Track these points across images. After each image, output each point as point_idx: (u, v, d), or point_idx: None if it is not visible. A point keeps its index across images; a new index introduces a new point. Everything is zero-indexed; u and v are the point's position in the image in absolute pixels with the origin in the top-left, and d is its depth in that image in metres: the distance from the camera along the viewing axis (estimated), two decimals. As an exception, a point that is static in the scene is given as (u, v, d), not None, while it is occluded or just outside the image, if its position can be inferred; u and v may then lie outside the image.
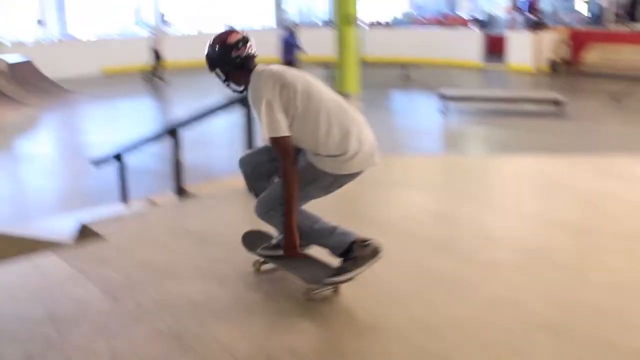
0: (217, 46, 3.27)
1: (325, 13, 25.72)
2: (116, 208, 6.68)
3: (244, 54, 3.26)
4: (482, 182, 5.74)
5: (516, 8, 20.95)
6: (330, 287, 3.34)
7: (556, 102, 12.32)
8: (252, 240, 3.72)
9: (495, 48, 19.62)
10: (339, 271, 3.31)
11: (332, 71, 17.16)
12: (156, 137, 5.86)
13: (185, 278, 3.53)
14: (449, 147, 11.16)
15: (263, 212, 3.36)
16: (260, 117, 3.17)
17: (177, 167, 5.41)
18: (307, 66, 14.92)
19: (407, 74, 17.58)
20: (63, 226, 5.61)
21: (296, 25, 17.26)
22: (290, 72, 3.27)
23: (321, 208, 4.05)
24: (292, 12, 25.84)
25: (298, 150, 3.30)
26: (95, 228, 4.17)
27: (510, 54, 18.99)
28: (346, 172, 3.29)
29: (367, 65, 16.80)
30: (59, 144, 12.87)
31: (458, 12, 23.27)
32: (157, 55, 17.54)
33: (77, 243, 4.34)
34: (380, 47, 20.07)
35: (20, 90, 15.37)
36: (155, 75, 17.76)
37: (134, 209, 5.83)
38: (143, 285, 3.43)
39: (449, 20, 22.47)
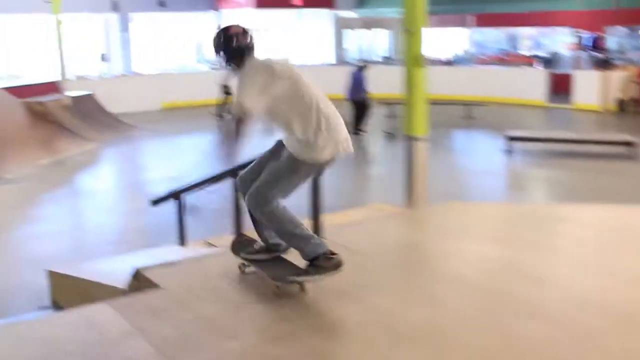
0: (222, 36, 3.82)
1: (385, 51, 25.63)
2: (173, 249, 6.52)
3: (243, 44, 3.78)
4: (552, 233, 5.32)
5: (581, 46, 20.44)
6: (293, 283, 3.73)
7: (628, 144, 11.81)
8: (240, 245, 4.08)
9: (560, 87, 19.12)
10: (302, 273, 3.73)
11: (393, 109, 16.97)
12: (216, 179, 5.67)
13: (244, 337, 3.28)
14: (515, 191, 10.75)
15: (253, 206, 3.72)
16: (239, 90, 3.60)
17: (237, 212, 5.20)
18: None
19: (469, 113, 17.23)
20: (119, 268, 5.45)
21: (367, 63, 16.73)
22: (279, 62, 3.74)
23: (386, 259, 3.81)
24: (352, 49, 25.81)
25: (281, 146, 3.79)
26: (150, 275, 3.96)
27: (577, 92, 18.48)
28: (321, 159, 3.67)
29: (428, 103, 16.54)
30: (119, 180, 12.89)
31: (520, 50, 22.83)
32: (227, 91, 17.50)
33: (132, 289, 4.14)
34: (441, 85, 19.74)
35: (82, 124, 15.54)
36: (225, 110, 17.74)
37: (191, 253, 5.64)
38: (199, 344, 3.19)
39: (511, 59, 22.07)
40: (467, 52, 23.63)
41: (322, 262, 3.67)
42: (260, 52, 3.90)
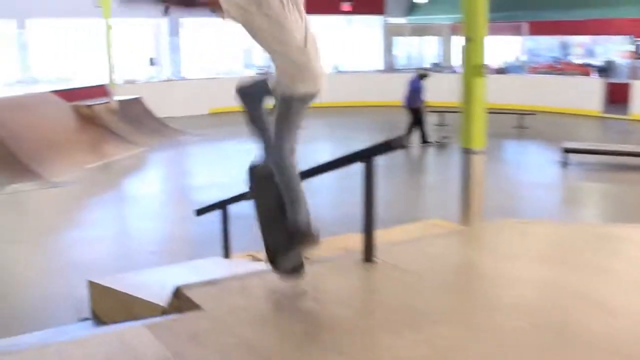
0: None
1: (434, 58, 25.28)
2: (217, 262, 6.34)
3: None
4: (614, 255, 4.88)
5: (638, 54, 19.79)
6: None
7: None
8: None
9: (616, 96, 18.51)
10: (282, 264, 3.83)
11: (443, 118, 16.61)
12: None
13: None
14: (571, 206, 10.33)
15: (272, 162, 3.82)
16: None
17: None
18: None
19: (521, 123, 16.79)
20: (160, 282, 5.28)
21: (427, 71, 15.99)
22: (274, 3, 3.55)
23: (441, 281, 3.53)
24: (401, 56, 25.53)
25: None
26: (190, 294, 3.74)
27: (635, 103, 17.86)
28: (302, 91, 3.64)
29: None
30: (165, 185, 12.81)
31: (573, 59, 22.22)
32: None
33: (172, 307, 3.92)
34: (492, 93, 19.24)
35: (129, 129, 15.57)
36: None
37: (234, 268, 5.44)
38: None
39: (564, 67, 21.49)
40: (519, 60, 23.12)
41: (300, 239, 3.75)
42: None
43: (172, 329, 3.36)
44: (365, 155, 3.98)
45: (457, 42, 24.41)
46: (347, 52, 23.96)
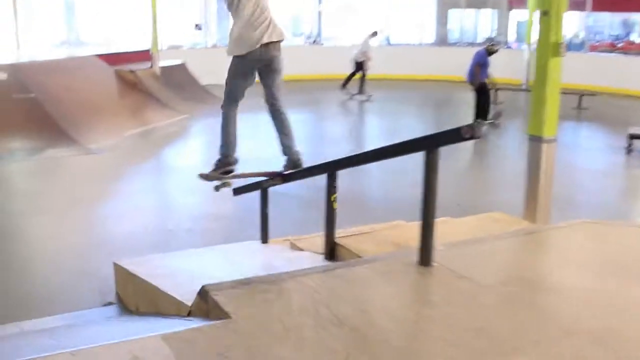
0: None
1: (489, 31, 24.38)
2: (253, 248, 5.89)
3: None
4: None
5: None
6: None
7: None
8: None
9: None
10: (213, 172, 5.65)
11: (495, 96, 15.87)
12: (308, 174, 4.94)
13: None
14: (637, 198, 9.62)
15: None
16: None
17: (330, 217, 4.43)
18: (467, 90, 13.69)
19: (580, 104, 15.96)
20: (189, 271, 4.85)
21: (496, 45, 14.23)
22: None
23: (505, 294, 3.00)
24: (455, 29, 24.70)
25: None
26: (218, 298, 3.23)
27: None
28: (244, 51, 4.96)
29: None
30: (206, 156, 12.32)
31: (633, 38, 21.14)
32: (360, 67, 16.71)
33: (197, 309, 3.44)
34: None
35: (171, 95, 15.18)
36: (360, 89, 16.94)
37: (271, 257, 4.97)
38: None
39: (626, 46, 20.46)
40: (580, 37, 22.09)
41: (219, 165, 5.68)
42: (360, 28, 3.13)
43: (194, 344, 2.86)
44: (429, 144, 3.35)
45: (515, 16, 23.47)
46: (399, 25, 23.21)
